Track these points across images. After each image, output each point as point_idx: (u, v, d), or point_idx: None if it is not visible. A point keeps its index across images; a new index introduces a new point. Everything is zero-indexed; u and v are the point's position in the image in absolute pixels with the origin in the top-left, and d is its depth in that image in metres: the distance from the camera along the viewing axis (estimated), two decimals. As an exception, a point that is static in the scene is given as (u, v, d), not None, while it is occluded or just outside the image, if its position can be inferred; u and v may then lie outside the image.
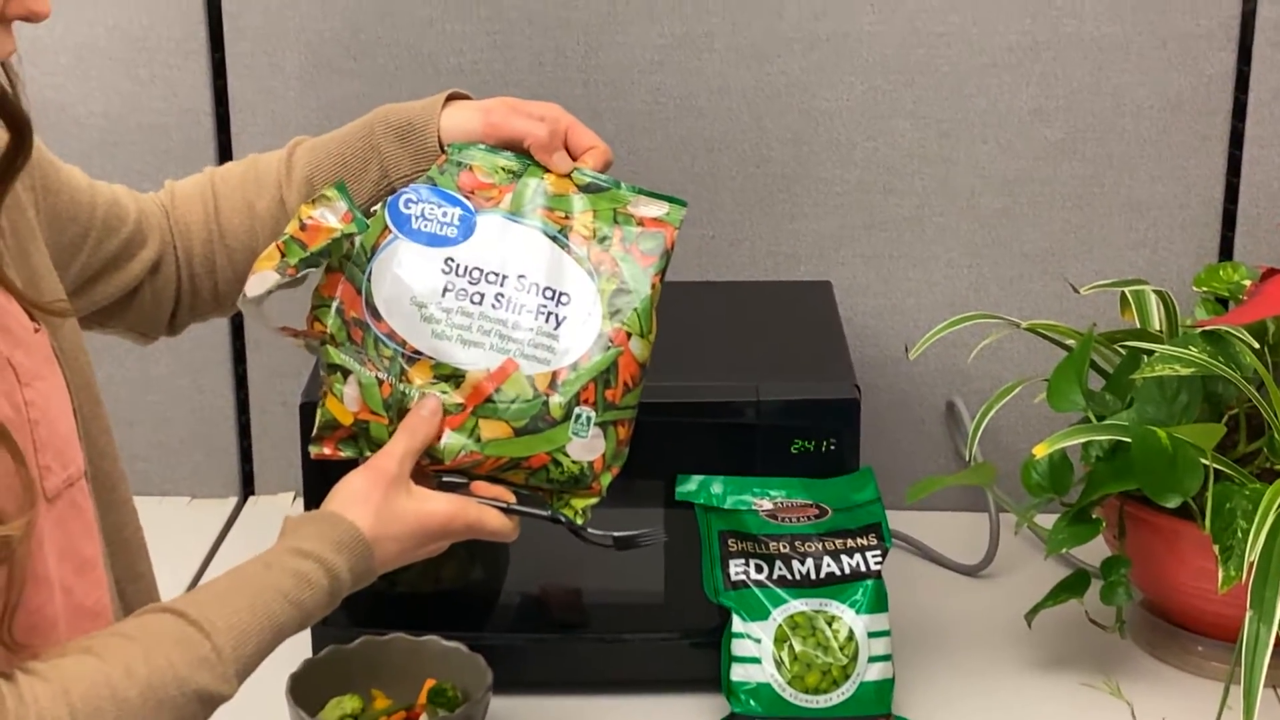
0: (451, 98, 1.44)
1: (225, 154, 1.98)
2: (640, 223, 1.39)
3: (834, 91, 1.94)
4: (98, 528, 1.28)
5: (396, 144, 1.43)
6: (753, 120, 1.95)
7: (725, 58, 1.94)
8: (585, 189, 1.40)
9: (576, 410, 1.36)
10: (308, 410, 1.64)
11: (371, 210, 1.39)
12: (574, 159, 1.41)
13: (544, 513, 1.40)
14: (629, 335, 1.37)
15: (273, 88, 1.97)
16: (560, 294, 1.37)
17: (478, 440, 1.36)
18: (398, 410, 1.37)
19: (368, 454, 1.37)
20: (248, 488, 2.11)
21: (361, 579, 1.30)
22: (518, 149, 1.41)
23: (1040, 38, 1.92)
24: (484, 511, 1.36)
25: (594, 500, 1.40)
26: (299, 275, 1.35)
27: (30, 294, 1.24)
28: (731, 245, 1.99)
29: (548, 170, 1.40)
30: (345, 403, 1.38)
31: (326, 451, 1.40)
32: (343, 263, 1.37)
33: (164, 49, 1.95)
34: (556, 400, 1.36)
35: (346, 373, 1.37)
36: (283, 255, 1.35)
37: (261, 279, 1.34)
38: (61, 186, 1.36)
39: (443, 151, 1.41)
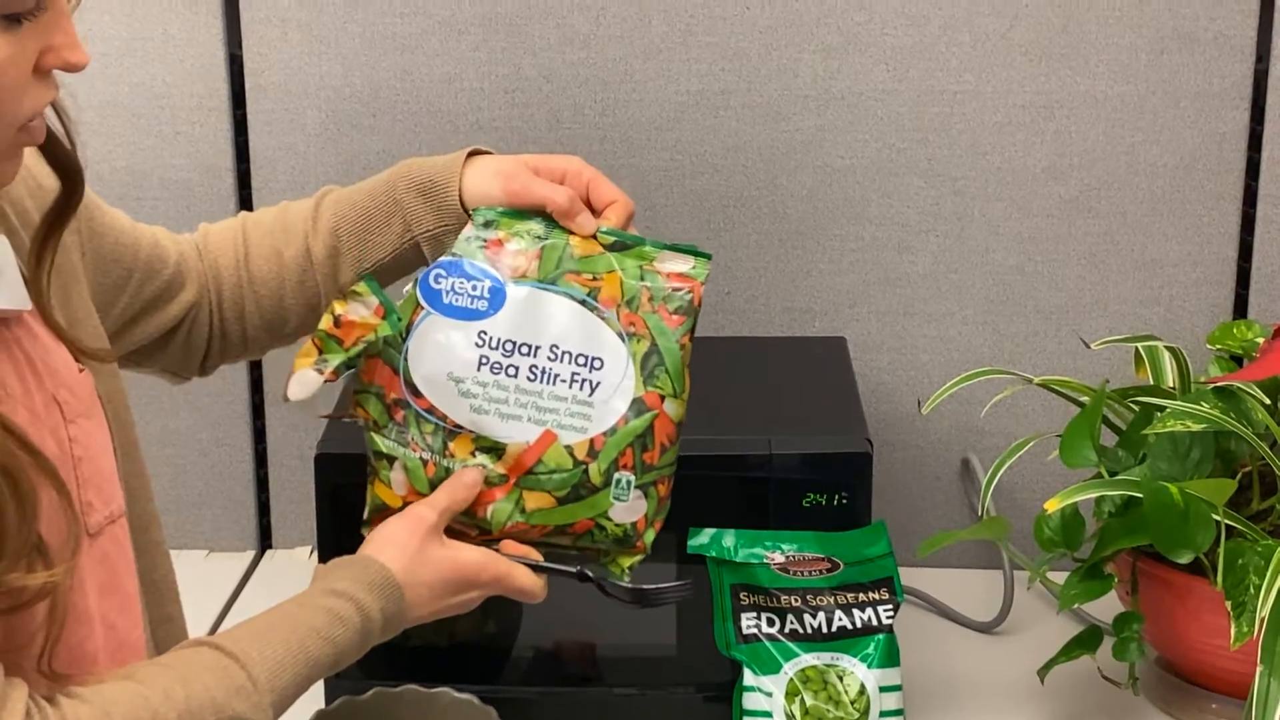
0: (472, 154, 1.46)
1: (246, 209, 1.99)
2: (667, 280, 1.40)
3: (849, 149, 1.96)
4: (135, 565, 1.30)
5: (419, 200, 1.44)
6: (768, 177, 1.97)
7: (741, 115, 1.95)
8: (611, 248, 1.41)
9: (616, 475, 1.38)
10: (323, 462, 1.66)
11: (403, 293, 1.41)
12: (596, 214, 1.42)
13: (571, 569, 1.41)
14: (663, 398, 1.39)
15: (293, 144, 1.99)
16: (593, 359, 1.38)
17: (523, 511, 1.39)
18: None
19: None
20: (265, 541, 2.12)
21: (392, 622, 1.32)
22: (542, 212, 1.42)
23: (1054, 96, 1.93)
24: (513, 566, 1.38)
25: (639, 557, 1.43)
26: (338, 378, 1.39)
27: (71, 336, 1.26)
28: (747, 301, 2.00)
29: (572, 232, 1.41)
30: (393, 487, 1.40)
31: None
32: (380, 347, 1.39)
33: (186, 106, 1.98)
34: (595, 467, 1.37)
35: (391, 459, 1.40)
36: (320, 351, 1.37)
37: (302, 380, 1.37)
38: (106, 229, 1.38)
39: (464, 210, 1.43)
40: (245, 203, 2.00)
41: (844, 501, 1.64)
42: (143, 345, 1.45)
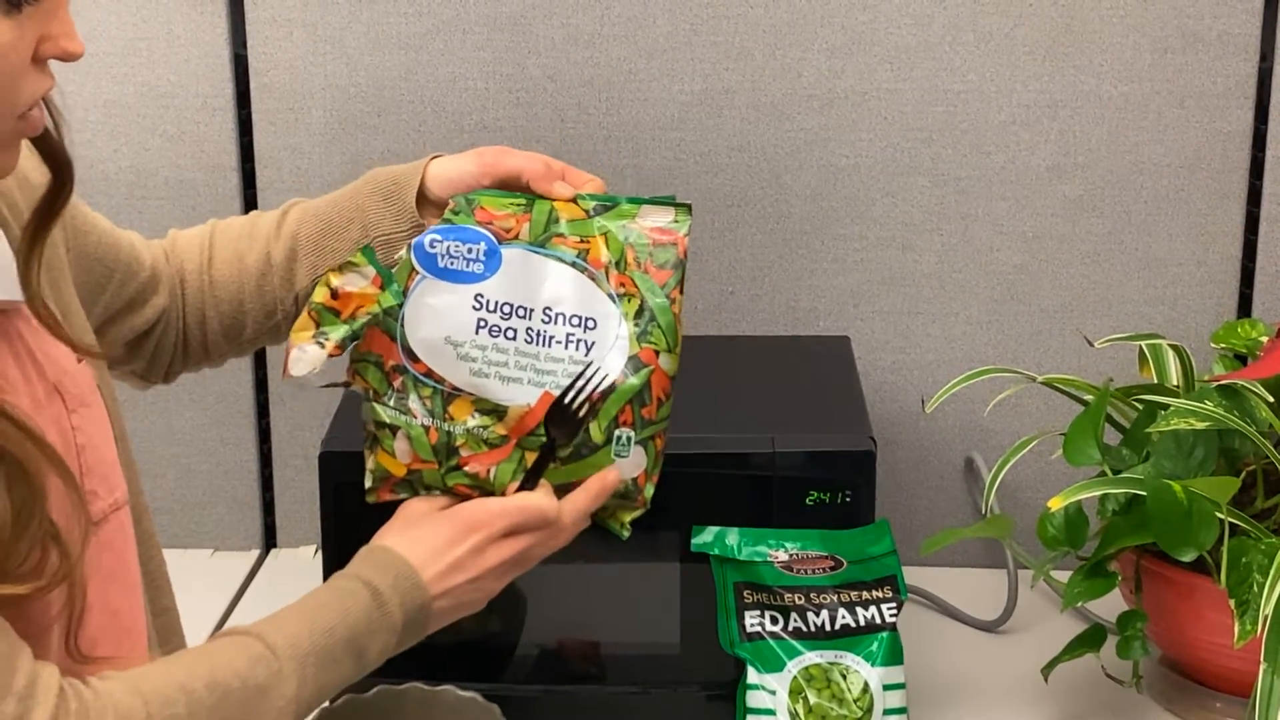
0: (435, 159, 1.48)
1: (251, 209, 2.00)
2: (650, 237, 1.42)
3: (853, 149, 1.96)
4: (138, 554, 1.32)
5: (380, 203, 1.46)
6: (772, 177, 1.97)
7: (745, 115, 1.95)
8: (592, 211, 1.42)
9: (616, 433, 1.40)
10: (328, 460, 1.66)
11: (395, 260, 1.41)
12: None
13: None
14: (657, 353, 1.40)
15: (298, 144, 1.99)
16: (587, 320, 1.40)
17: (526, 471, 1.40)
18: (446, 451, 1.40)
19: (421, 493, 1.42)
20: (270, 540, 2.12)
21: (412, 596, 1.33)
22: (517, 186, 1.43)
23: (1058, 96, 1.93)
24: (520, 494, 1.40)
25: (639, 512, 1.45)
26: (343, 352, 1.39)
27: (63, 331, 1.27)
28: (751, 300, 2.01)
29: (553, 200, 1.43)
30: (397, 456, 1.41)
31: (386, 496, 1.44)
32: (382, 317, 1.40)
33: (191, 105, 1.98)
34: (596, 426, 1.39)
35: (394, 428, 1.40)
36: (317, 324, 1.38)
37: (302, 354, 1.38)
38: (90, 228, 1.40)
39: (419, 210, 1.44)
40: (250, 202, 2.01)
41: (847, 500, 1.64)
42: (118, 346, 1.46)
